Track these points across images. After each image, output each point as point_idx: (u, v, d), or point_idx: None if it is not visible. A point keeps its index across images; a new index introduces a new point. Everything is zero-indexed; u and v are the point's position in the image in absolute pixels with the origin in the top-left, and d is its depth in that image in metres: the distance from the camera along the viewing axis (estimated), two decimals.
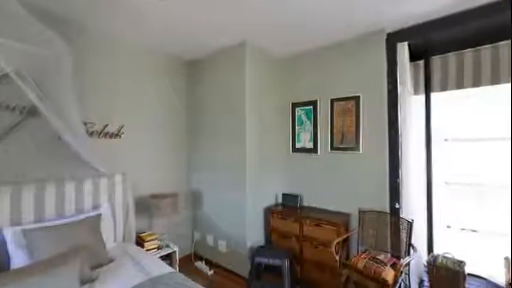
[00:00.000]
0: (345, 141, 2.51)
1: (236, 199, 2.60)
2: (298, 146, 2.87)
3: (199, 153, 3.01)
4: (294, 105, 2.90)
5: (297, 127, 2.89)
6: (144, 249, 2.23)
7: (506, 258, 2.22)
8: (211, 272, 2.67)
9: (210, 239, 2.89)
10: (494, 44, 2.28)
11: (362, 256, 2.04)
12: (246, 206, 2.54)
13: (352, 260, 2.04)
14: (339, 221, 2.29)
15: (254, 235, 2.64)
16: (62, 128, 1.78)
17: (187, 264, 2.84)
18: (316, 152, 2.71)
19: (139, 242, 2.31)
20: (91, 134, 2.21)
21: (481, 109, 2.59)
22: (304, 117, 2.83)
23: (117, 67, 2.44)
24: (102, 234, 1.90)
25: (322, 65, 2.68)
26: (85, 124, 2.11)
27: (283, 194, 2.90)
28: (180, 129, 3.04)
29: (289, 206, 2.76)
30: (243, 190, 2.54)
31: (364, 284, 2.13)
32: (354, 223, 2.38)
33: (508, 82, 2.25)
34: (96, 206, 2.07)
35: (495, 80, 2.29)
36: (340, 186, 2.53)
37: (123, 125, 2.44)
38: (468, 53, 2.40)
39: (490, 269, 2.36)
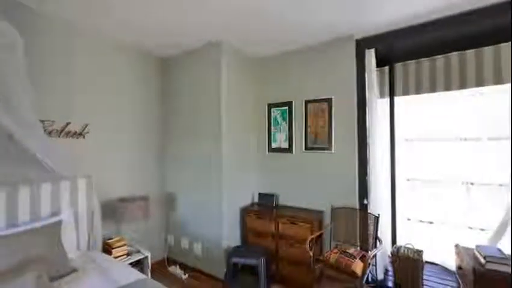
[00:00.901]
0: (318, 142, 2.61)
1: (212, 200, 2.57)
2: (274, 146, 2.92)
3: (173, 153, 2.91)
4: (270, 106, 2.94)
5: (272, 127, 2.93)
6: (112, 256, 2.09)
7: (456, 246, 2.49)
8: (186, 276, 2.60)
9: (184, 242, 2.80)
10: (447, 55, 2.54)
11: (334, 251, 2.14)
12: (222, 206, 2.51)
13: (325, 255, 2.13)
14: (313, 218, 2.38)
15: (230, 236, 2.62)
16: (12, 125, 1.59)
17: (160, 269, 2.72)
18: (292, 151, 2.78)
19: (107, 249, 2.16)
20: (50, 133, 2.01)
21: (436, 112, 2.88)
22: (279, 118, 2.88)
23: (81, 62, 2.25)
24: (64, 243, 1.74)
25: (298, 67, 2.75)
26: (42, 122, 1.91)
27: (259, 194, 2.92)
28: (153, 129, 2.91)
29: (265, 205, 2.80)
30: (219, 190, 2.51)
31: (336, 277, 2.23)
32: (327, 220, 2.48)
33: (457, 89, 2.53)
34: (55, 213, 1.89)
35: (448, 87, 2.56)
36: (314, 184, 2.63)
37: (87, 124, 2.26)
38: (425, 62, 2.65)
39: (443, 256, 2.63)
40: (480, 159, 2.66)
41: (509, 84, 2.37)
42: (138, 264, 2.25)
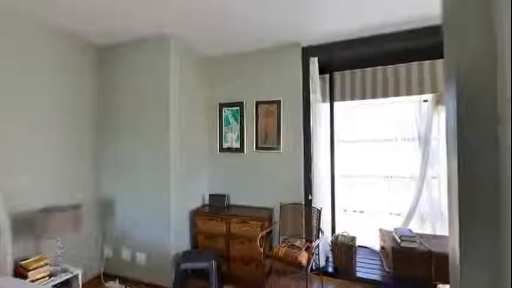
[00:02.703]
0: (268, 142, 2.72)
1: (159, 204, 2.39)
2: (225, 145, 2.90)
3: (112, 155, 2.59)
4: (222, 106, 2.92)
5: (224, 127, 2.91)
6: (28, 280, 1.73)
7: (380, 230, 2.95)
8: None
9: (125, 253, 2.53)
10: (374, 68, 2.99)
11: (282, 245, 2.27)
12: (170, 210, 2.36)
13: (274, 250, 2.24)
14: (263, 216, 2.47)
15: (179, 241, 2.49)
16: None
17: (95, 287, 2.39)
18: (243, 151, 2.81)
19: (21, 272, 1.78)
20: None
21: (365, 117, 3.35)
22: (231, 118, 2.88)
23: None
24: None
25: (250, 69, 2.80)
26: None
27: (210, 195, 2.86)
28: (86, 127, 2.52)
29: (216, 207, 2.76)
30: (167, 194, 2.36)
31: (284, 269, 2.37)
32: (277, 216, 2.61)
33: (381, 97, 3.00)
34: None
35: (374, 95, 3.01)
36: (264, 183, 2.72)
37: None
38: (358, 72, 3.06)
39: (371, 239, 3.08)
40: (397, 157, 3.22)
41: (415, 96, 2.94)
42: (66, 285, 1.92)
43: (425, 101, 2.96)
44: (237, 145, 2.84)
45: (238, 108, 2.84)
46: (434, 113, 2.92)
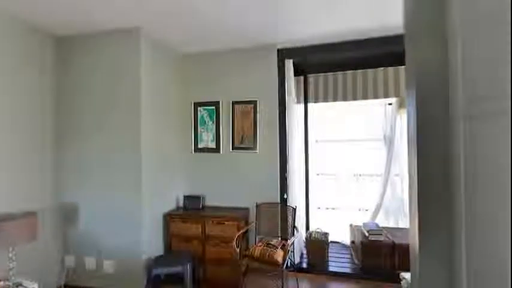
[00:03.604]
0: (244, 142, 2.72)
1: (129, 208, 2.25)
2: (200, 146, 2.84)
3: (75, 156, 2.38)
4: (197, 105, 2.85)
5: (199, 127, 2.85)
6: None
7: (350, 225, 3.12)
8: None
9: (90, 262, 2.34)
10: (344, 72, 3.14)
11: (259, 244, 2.28)
12: (141, 214, 2.24)
13: (251, 249, 2.24)
14: (240, 216, 2.46)
15: (152, 245, 2.38)
16: None
17: None
18: (219, 151, 2.78)
19: None
20: None
21: (337, 118, 3.52)
22: (206, 118, 2.83)
23: None
24: None
25: (226, 68, 2.78)
26: None
27: (184, 196, 2.78)
28: (43, 127, 2.28)
29: (191, 208, 2.68)
30: (138, 197, 2.24)
31: (261, 268, 2.39)
32: (253, 216, 2.62)
33: (351, 100, 3.17)
34: None
35: (345, 98, 3.17)
36: (240, 183, 2.72)
37: None
38: (330, 75, 3.20)
39: (343, 234, 3.24)
40: (365, 156, 3.43)
41: (381, 99, 3.16)
42: None
43: (390, 104, 3.19)
44: (212, 145, 2.80)
45: (214, 107, 2.80)
46: (398, 115, 3.16)
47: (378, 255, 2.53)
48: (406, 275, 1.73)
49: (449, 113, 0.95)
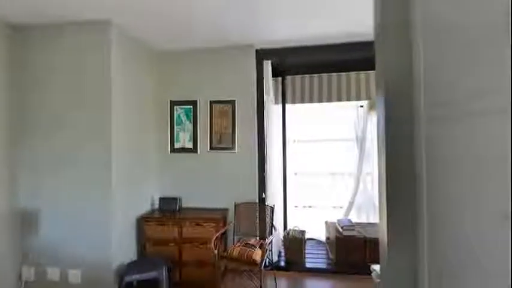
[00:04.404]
0: (222, 142, 2.69)
1: (98, 212, 2.11)
2: (177, 146, 2.76)
3: (35, 158, 2.17)
4: (173, 104, 2.76)
5: (176, 127, 2.76)
6: None
7: (325, 222, 3.24)
8: None
9: (53, 273, 2.15)
10: (319, 74, 3.26)
11: (237, 245, 2.28)
12: (112, 218, 2.11)
13: (229, 250, 2.23)
14: (218, 217, 2.43)
15: (124, 251, 2.25)
16: None
17: None
18: (196, 151, 2.72)
19: None
20: None
21: (313, 119, 3.63)
22: (183, 117, 2.75)
23: None
24: None
25: (203, 66, 2.72)
26: None
27: (160, 198, 2.68)
28: None
29: (167, 210, 2.59)
30: (108, 199, 2.10)
31: (239, 269, 2.38)
32: (231, 216, 2.60)
33: (327, 101, 3.29)
34: None
35: (321, 99, 3.28)
36: (218, 183, 2.68)
37: None
38: (307, 77, 3.29)
39: (319, 231, 3.36)
40: (339, 155, 3.59)
41: (354, 102, 3.33)
42: None
43: (362, 106, 3.38)
44: (190, 145, 2.73)
45: (191, 106, 2.73)
46: (369, 117, 3.35)
47: (351, 250, 2.65)
48: (376, 267, 1.84)
49: (412, 114, 1.03)
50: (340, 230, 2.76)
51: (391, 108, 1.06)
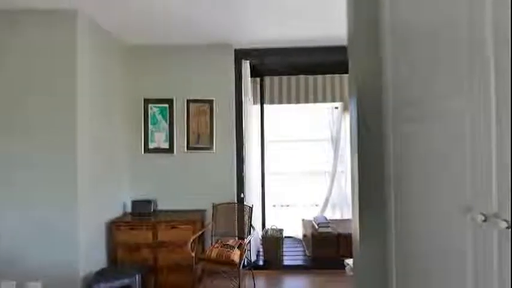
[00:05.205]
0: (200, 142, 2.64)
1: (60, 218, 1.94)
2: (151, 146, 2.64)
3: None
4: (147, 102, 2.64)
5: (150, 126, 2.65)
6: None
7: (302, 220, 3.33)
8: None
9: (8, 287, 1.94)
10: (297, 76, 3.34)
11: (215, 246, 2.25)
12: (77, 224, 1.96)
13: (207, 252, 2.19)
14: (195, 218, 2.37)
15: (92, 259, 2.10)
16: None
17: None
18: (173, 152, 2.63)
19: None
20: None
21: (291, 119, 3.71)
22: (158, 116, 2.64)
23: None
24: None
25: (180, 64, 2.64)
26: None
27: (133, 202, 2.54)
28: None
29: (141, 214, 2.47)
30: (73, 204, 1.95)
31: (217, 270, 2.35)
32: (209, 217, 2.56)
33: (305, 102, 3.38)
34: None
35: (298, 100, 3.37)
36: (196, 184, 2.62)
37: None
38: (285, 78, 3.35)
39: (296, 230, 3.44)
40: (316, 155, 3.71)
41: (329, 103, 3.46)
42: None
43: (336, 107, 3.53)
44: (165, 145, 2.63)
45: (167, 105, 2.63)
46: (343, 118, 3.51)
47: (326, 246, 2.76)
48: (350, 261, 1.93)
49: (382, 115, 1.10)
50: (316, 227, 2.86)
51: (363, 109, 1.12)
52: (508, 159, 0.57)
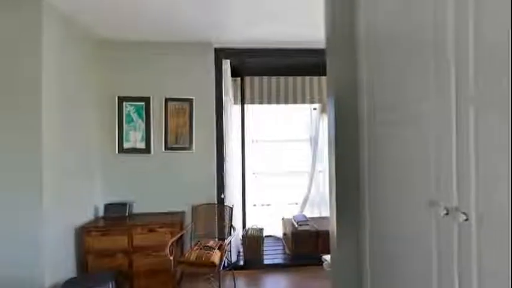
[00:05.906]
0: (179, 141, 2.57)
1: (23, 224, 1.78)
2: (126, 146, 2.52)
3: None
4: (122, 100, 2.51)
5: (125, 125, 2.52)
6: None
7: (282, 218, 3.38)
8: None
9: None
10: (277, 77, 3.38)
11: (195, 248, 2.20)
12: (42, 230, 1.80)
13: (186, 255, 2.14)
14: (174, 221, 2.31)
15: (60, 268, 1.95)
16: None
17: None
18: (150, 152, 2.53)
19: None
20: None
21: (271, 119, 3.75)
22: (134, 115, 2.53)
23: None
24: None
25: (158, 61, 2.54)
26: None
27: (106, 205, 2.41)
28: None
29: (114, 218, 2.35)
30: (37, 209, 1.79)
31: (197, 273, 2.31)
32: (189, 219, 2.50)
33: (284, 103, 3.43)
34: None
35: (278, 101, 3.41)
36: (175, 185, 2.55)
37: None
38: (265, 79, 3.38)
39: (276, 229, 3.48)
40: (295, 155, 3.78)
41: (308, 104, 3.55)
42: None
43: (315, 109, 3.63)
44: (142, 145, 2.52)
45: (143, 103, 2.53)
46: (321, 119, 3.62)
47: (305, 243, 2.83)
48: (327, 257, 2.00)
49: (357, 117, 1.16)
50: (296, 225, 2.91)
51: (340, 112, 1.17)
52: (468, 157, 0.62)
